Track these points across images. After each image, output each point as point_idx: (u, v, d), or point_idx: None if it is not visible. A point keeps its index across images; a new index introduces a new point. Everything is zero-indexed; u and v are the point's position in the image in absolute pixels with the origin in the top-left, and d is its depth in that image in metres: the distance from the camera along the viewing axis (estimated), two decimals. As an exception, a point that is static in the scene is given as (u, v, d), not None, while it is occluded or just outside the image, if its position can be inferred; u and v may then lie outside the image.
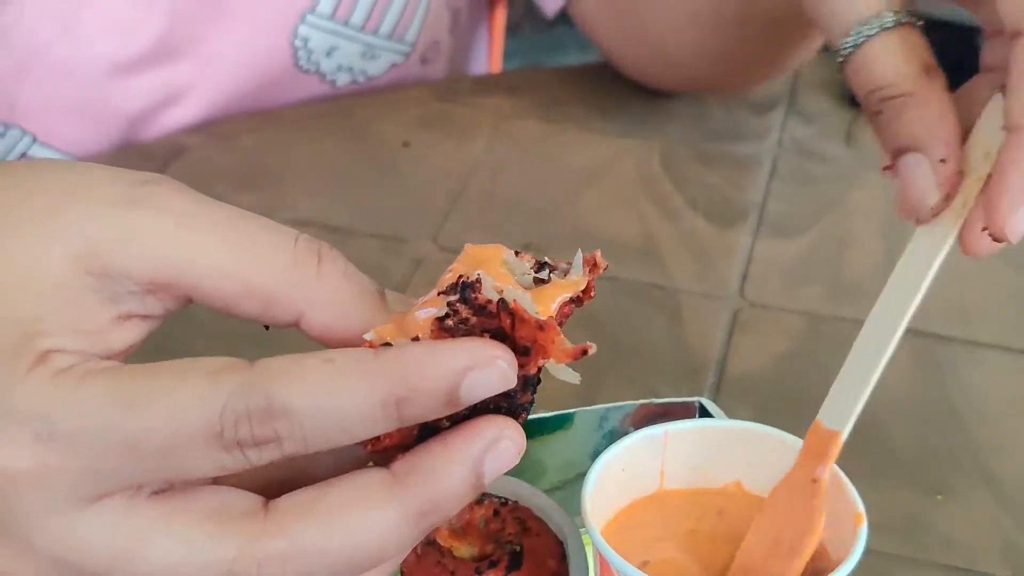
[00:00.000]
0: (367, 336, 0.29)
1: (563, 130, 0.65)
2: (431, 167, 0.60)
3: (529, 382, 0.29)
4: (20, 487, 0.26)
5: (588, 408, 0.41)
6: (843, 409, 0.34)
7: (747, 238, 0.57)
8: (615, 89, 0.68)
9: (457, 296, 0.28)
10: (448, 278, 0.29)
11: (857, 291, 0.53)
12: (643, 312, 0.52)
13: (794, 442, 0.34)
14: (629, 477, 0.35)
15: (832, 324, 0.51)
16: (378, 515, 0.27)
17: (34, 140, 0.61)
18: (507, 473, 0.39)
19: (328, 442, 0.27)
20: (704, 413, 0.41)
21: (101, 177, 0.30)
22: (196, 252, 0.29)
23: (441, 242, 0.54)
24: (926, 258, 0.36)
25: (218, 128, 0.63)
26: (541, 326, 0.28)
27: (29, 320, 0.28)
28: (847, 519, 0.32)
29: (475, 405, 0.28)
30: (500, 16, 0.78)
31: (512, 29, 0.79)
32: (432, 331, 0.28)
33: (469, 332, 0.29)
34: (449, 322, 0.28)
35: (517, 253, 0.30)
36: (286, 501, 0.27)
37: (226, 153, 0.61)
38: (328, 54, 0.66)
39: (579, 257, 0.30)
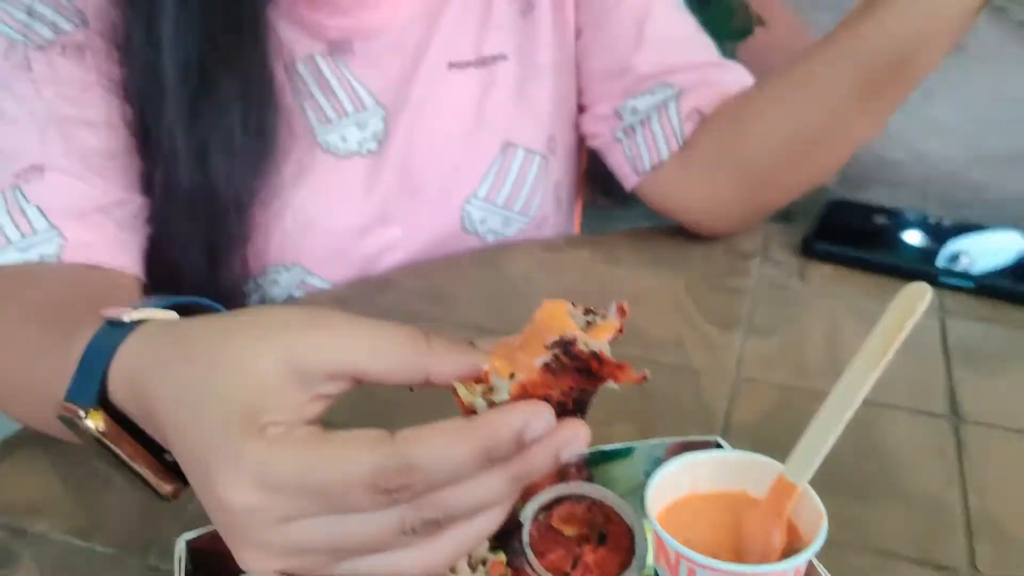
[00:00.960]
0: (485, 367, 0.28)
1: (621, 269, 0.63)
2: (540, 293, 0.60)
3: (593, 394, 0.28)
4: (243, 514, 0.25)
5: (643, 442, 0.40)
6: (801, 469, 0.32)
7: (739, 338, 0.55)
8: (654, 244, 0.66)
9: (560, 350, 0.27)
10: (538, 327, 0.28)
11: (812, 374, 0.51)
12: (674, 384, 0.51)
13: (777, 465, 0.32)
14: (673, 485, 0.33)
15: (797, 393, 0.50)
16: (493, 477, 0.26)
17: (309, 272, 0.59)
18: (594, 481, 0.39)
19: (447, 483, 0.25)
20: (718, 447, 0.40)
21: (289, 310, 0.29)
22: (356, 352, 0.27)
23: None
24: (868, 370, 0.32)
25: (414, 267, 0.62)
26: (620, 366, 0.27)
27: (253, 403, 0.27)
28: (815, 516, 0.30)
29: (561, 405, 0.27)
30: (581, 198, 0.76)
31: (586, 205, 0.78)
32: (540, 372, 0.27)
33: (565, 371, 0.27)
34: (552, 366, 0.27)
35: (574, 304, 0.29)
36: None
37: (417, 280, 0.60)
38: (482, 222, 0.63)
39: (613, 305, 0.29)
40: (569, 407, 0.27)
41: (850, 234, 0.63)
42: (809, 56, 0.55)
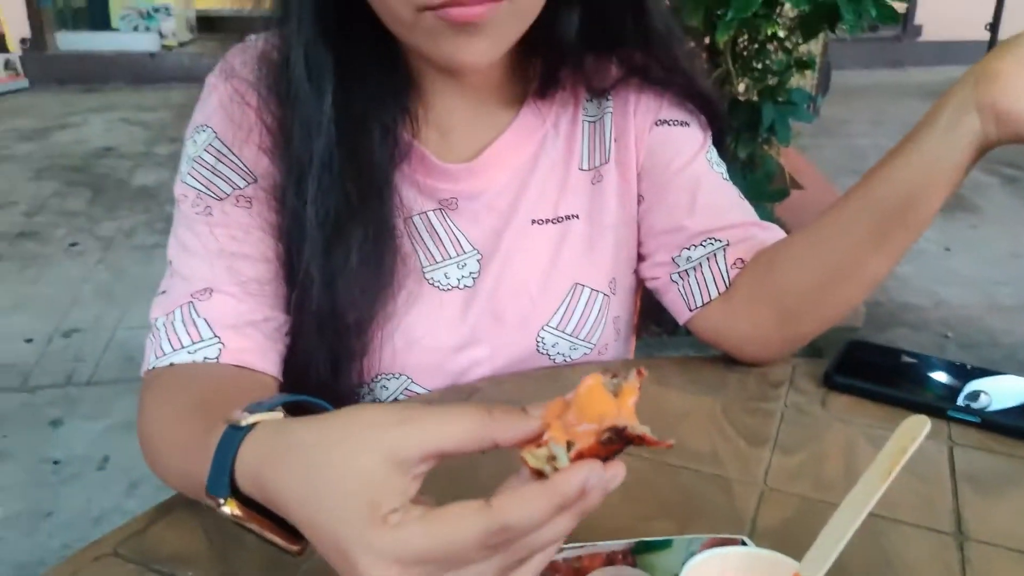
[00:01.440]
0: (546, 437, 0.32)
1: (669, 390, 0.66)
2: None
3: (625, 447, 0.33)
4: None
5: (680, 536, 0.43)
6: (815, 568, 0.35)
7: (768, 454, 0.57)
8: (697, 370, 0.69)
9: (614, 433, 0.31)
10: (582, 397, 0.32)
11: (829, 488, 0.53)
12: (709, 489, 0.53)
13: (794, 563, 0.36)
14: (703, 574, 0.36)
15: (815, 504, 0.52)
16: (564, 519, 0.31)
17: (412, 382, 0.65)
18: (637, 567, 0.43)
19: (538, 535, 0.31)
20: (744, 544, 0.42)
21: (376, 410, 0.34)
22: (437, 437, 0.32)
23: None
24: (874, 485, 0.36)
25: (495, 378, 0.66)
26: (656, 442, 0.31)
27: (370, 499, 0.31)
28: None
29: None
30: (637, 329, 0.80)
31: (641, 334, 0.82)
32: (594, 442, 0.31)
33: (613, 443, 0.31)
34: (606, 438, 0.31)
35: (604, 371, 0.33)
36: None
37: (497, 388, 0.65)
38: (553, 346, 0.67)
39: (633, 371, 0.33)
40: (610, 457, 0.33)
41: (865, 370, 0.66)
42: (832, 208, 0.60)
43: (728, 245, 0.66)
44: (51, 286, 2.76)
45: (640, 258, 0.72)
